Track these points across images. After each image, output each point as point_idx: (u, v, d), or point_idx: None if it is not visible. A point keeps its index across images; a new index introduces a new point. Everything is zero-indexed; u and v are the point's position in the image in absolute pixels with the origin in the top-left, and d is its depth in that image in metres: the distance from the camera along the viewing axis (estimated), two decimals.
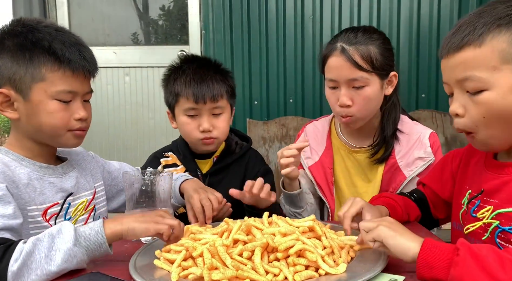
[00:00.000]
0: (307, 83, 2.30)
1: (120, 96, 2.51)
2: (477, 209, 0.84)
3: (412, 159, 1.21)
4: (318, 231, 0.79)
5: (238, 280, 0.69)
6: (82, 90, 0.97)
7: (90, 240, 0.78)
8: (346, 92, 1.15)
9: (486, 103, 0.76)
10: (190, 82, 1.23)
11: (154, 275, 0.73)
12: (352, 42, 1.14)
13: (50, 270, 0.75)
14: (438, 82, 2.24)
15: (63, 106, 0.95)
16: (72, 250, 0.76)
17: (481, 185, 0.85)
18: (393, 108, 1.24)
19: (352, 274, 0.69)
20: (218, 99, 1.24)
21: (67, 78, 0.94)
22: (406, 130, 1.25)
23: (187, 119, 1.25)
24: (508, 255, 0.64)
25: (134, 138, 2.54)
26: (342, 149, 1.29)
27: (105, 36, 2.60)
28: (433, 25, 2.21)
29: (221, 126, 1.26)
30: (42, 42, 0.92)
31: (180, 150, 1.34)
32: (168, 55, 2.47)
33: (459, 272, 0.63)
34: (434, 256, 0.66)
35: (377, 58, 1.14)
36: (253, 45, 2.30)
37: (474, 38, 0.75)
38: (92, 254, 0.79)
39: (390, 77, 1.20)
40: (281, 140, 2.18)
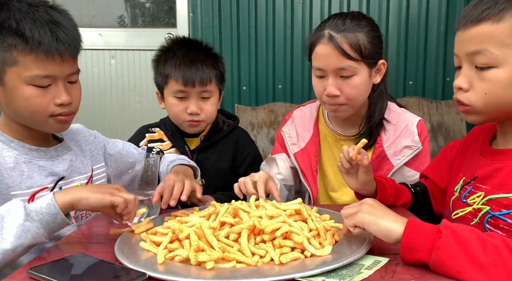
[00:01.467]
0: (296, 68, 2.30)
1: (106, 79, 2.46)
2: (468, 195, 0.85)
3: (400, 148, 1.20)
4: (304, 214, 0.80)
5: (224, 261, 0.69)
6: (61, 73, 0.89)
7: (42, 212, 0.76)
8: (333, 82, 1.12)
9: (492, 80, 0.76)
10: (180, 65, 1.23)
11: (140, 257, 0.73)
12: (340, 29, 1.10)
13: (5, 248, 0.74)
14: (426, 69, 2.26)
15: (40, 91, 0.88)
16: (23, 226, 0.75)
17: (475, 172, 0.86)
18: (380, 97, 1.23)
19: (337, 256, 0.70)
20: (207, 84, 1.24)
21: (41, 62, 0.86)
22: (393, 119, 1.24)
23: (176, 101, 1.26)
24: (490, 239, 0.65)
25: (121, 122, 2.51)
26: (330, 137, 1.28)
27: (90, 17, 2.53)
28: (422, 12, 2.21)
29: (208, 110, 1.27)
30: (10, 21, 0.84)
31: (168, 127, 1.34)
32: (155, 38, 2.43)
33: (440, 256, 0.64)
34: (417, 239, 0.67)
35: (365, 46, 1.10)
36: (241, 29, 2.27)
37: (494, 13, 0.74)
38: (49, 226, 0.77)
39: (379, 65, 1.16)
40: (270, 126, 2.18)
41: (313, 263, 0.68)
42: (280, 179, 1.26)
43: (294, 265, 0.68)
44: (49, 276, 0.66)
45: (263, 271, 0.66)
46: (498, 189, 0.79)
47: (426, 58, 2.25)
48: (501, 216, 0.78)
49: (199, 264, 0.68)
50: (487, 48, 0.75)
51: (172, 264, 0.70)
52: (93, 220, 1.03)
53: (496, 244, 0.64)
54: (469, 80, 0.79)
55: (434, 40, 2.23)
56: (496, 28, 0.74)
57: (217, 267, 0.68)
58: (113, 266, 0.70)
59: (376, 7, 2.21)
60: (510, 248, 0.63)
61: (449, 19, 2.21)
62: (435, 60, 2.25)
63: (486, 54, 0.75)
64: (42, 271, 0.68)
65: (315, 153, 1.27)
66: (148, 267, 0.68)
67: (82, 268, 0.71)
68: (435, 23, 2.21)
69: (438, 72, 2.26)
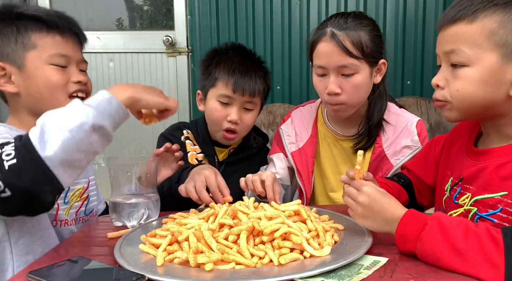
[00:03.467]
0: (294, 70, 2.30)
1: (105, 82, 2.46)
2: (459, 196, 0.86)
3: (399, 148, 1.21)
4: (303, 215, 0.80)
5: (224, 263, 0.69)
6: (75, 56, 0.99)
7: (96, 100, 0.75)
8: (335, 80, 1.12)
9: (463, 78, 0.78)
10: (234, 70, 1.22)
11: (139, 260, 0.73)
12: (343, 27, 1.10)
13: (73, 124, 0.70)
14: (424, 69, 2.27)
15: (60, 71, 0.96)
16: (83, 108, 0.72)
17: (461, 172, 0.86)
18: (380, 98, 1.23)
19: (336, 256, 0.70)
20: (255, 95, 1.23)
21: (57, 43, 0.96)
22: (392, 119, 1.24)
23: (218, 105, 1.23)
24: (475, 228, 0.67)
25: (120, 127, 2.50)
26: (329, 137, 1.28)
27: (88, 21, 2.54)
28: (419, 12, 2.22)
29: (247, 122, 1.25)
30: (26, 12, 0.95)
31: (200, 133, 1.31)
32: (153, 41, 2.44)
33: (423, 245, 0.68)
34: (407, 230, 0.71)
35: (367, 45, 1.11)
36: (239, 31, 2.27)
37: (467, 14, 0.76)
38: (106, 112, 0.74)
39: (380, 65, 1.17)
40: (268, 127, 2.18)
41: (312, 264, 0.68)
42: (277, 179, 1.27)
43: (293, 266, 0.68)
44: (48, 280, 0.66)
45: (262, 272, 0.66)
46: (483, 189, 0.80)
47: (423, 58, 2.25)
48: (488, 216, 0.78)
49: (198, 266, 0.68)
50: (460, 47, 0.77)
51: (171, 266, 0.70)
52: (93, 223, 1.03)
53: (478, 232, 0.66)
54: (446, 77, 0.81)
55: (431, 40, 2.23)
56: (469, 28, 0.76)
57: (216, 269, 0.68)
58: (113, 269, 0.70)
59: (373, 7, 2.22)
60: (491, 235, 0.65)
61: None
62: (432, 59, 2.25)
63: (459, 53, 0.78)
64: (41, 274, 0.68)
65: (312, 154, 1.27)
66: (147, 270, 0.68)
67: (81, 271, 0.71)
68: (432, 22, 2.22)
69: (435, 72, 2.24)
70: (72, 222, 1.01)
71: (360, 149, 1.22)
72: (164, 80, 2.43)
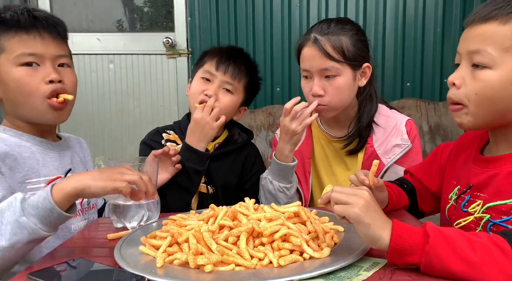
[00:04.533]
0: (294, 71, 2.30)
1: (105, 84, 2.47)
2: (468, 204, 0.85)
3: (390, 147, 1.24)
4: (303, 217, 0.80)
5: (223, 264, 0.69)
6: (47, 52, 0.94)
7: (38, 207, 0.74)
8: (318, 82, 1.17)
9: (484, 81, 0.75)
10: (221, 52, 1.29)
11: (139, 261, 0.73)
12: (325, 32, 1.16)
13: (2, 245, 0.73)
14: (423, 71, 2.27)
15: (29, 71, 0.92)
16: (18, 222, 0.73)
17: (469, 180, 0.85)
18: (369, 100, 1.26)
19: (335, 258, 0.70)
20: (236, 78, 1.26)
21: (24, 41, 0.92)
22: (382, 121, 1.27)
23: (200, 81, 1.28)
24: (476, 238, 0.65)
25: (119, 127, 2.51)
26: (322, 138, 1.32)
27: (88, 22, 2.54)
28: (419, 14, 2.22)
29: (224, 102, 1.26)
30: None
31: (183, 130, 1.33)
32: (153, 42, 2.44)
33: (431, 259, 0.64)
34: (405, 243, 0.66)
35: (348, 49, 1.16)
36: (239, 33, 2.28)
37: (502, 14, 0.74)
38: (47, 221, 0.74)
39: (363, 68, 1.21)
40: (268, 128, 2.19)
41: (311, 266, 0.68)
42: None
43: (293, 267, 0.68)
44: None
45: (262, 274, 0.66)
46: (495, 196, 0.79)
47: (423, 60, 2.25)
48: (502, 223, 0.77)
49: (198, 267, 0.68)
50: (486, 48, 0.74)
51: (171, 267, 0.70)
52: (93, 224, 1.03)
53: (483, 243, 0.64)
54: (463, 77, 0.78)
55: (431, 42, 2.24)
56: (501, 29, 0.74)
57: (216, 270, 0.68)
58: (113, 270, 0.71)
59: (373, 10, 2.22)
60: (497, 245, 0.64)
61: (446, 21, 2.22)
62: (432, 61, 2.25)
63: (484, 54, 0.75)
64: (41, 275, 0.68)
65: (308, 155, 1.30)
66: (147, 271, 0.68)
67: (81, 272, 0.71)
68: (431, 24, 2.22)
69: (435, 74, 2.26)
70: (78, 213, 1.03)
71: (352, 150, 1.27)
72: (164, 82, 2.43)
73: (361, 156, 1.26)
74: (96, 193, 0.77)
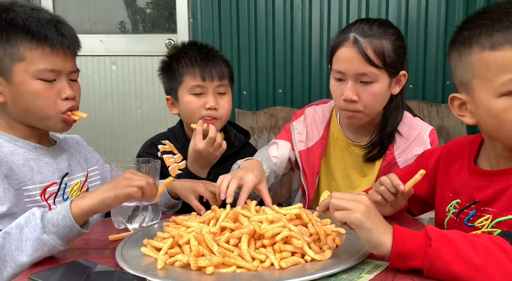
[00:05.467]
0: (296, 73, 2.30)
1: (107, 85, 2.47)
2: (474, 219, 0.83)
3: (411, 156, 1.18)
4: (305, 219, 0.80)
5: (225, 266, 0.69)
6: (65, 69, 0.95)
7: (58, 225, 0.76)
8: (352, 86, 1.10)
9: None
10: (196, 60, 1.24)
11: (140, 263, 0.73)
12: (367, 34, 1.08)
13: (23, 261, 0.75)
14: (425, 73, 2.27)
15: (47, 85, 0.93)
16: (40, 239, 0.75)
17: (473, 195, 0.84)
18: (396, 109, 1.21)
19: (337, 260, 0.70)
20: (224, 78, 1.25)
21: (46, 56, 0.92)
22: (405, 129, 1.22)
23: (192, 97, 1.24)
24: (478, 239, 0.65)
25: (121, 129, 2.51)
26: (342, 140, 1.26)
27: (91, 24, 2.55)
28: (421, 16, 2.22)
29: (225, 106, 1.26)
30: (16, 20, 0.90)
31: (178, 138, 1.31)
32: (156, 44, 2.45)
33: (434, 263, 0.64)
34: (408, 247, 0.65)
35: (389, 55, 1.09)
36: (241, 34, 2.28)
37: None
38: (66, 238, 0.77)
39: (400, 76, 1.15)
40: (270, 130, 2.19)
41: (313, 268, 0.68)
42: (274, 163, 1.25)
43: (295, 269, 0.68)
44: None
45: (263, 276, 0.66)
46: (505, 210, 0.78)
47: (425, 62, 2.25)
48: None
49: (199, 269, 0.68)
50: None
51: (172, 269, 0.70)
52: (94, 225, 1.03)
53: (484, 244, 0.64)
54: None
55: (433, 43, 2.23)
56: None
57: (217, 272, 0.68)
58: (114, 272, 0.71)
59: (375, 11, 2.22)
60: (499, 246, 0.64)
61: (448, 22, 2.21)
62: (434, 63, 2.25)
63: None
64: (43, 277, 0.68)
65: (320, 155, 1.26)
66: (148, 273, 0.68)
67: (83, 273, 0.71)
68: (434, 26, 2.22)
69: (438, 76, 2.26)
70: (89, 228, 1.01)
71: (372, 158, 1.22)
72: None
73: (379, 163, 1.22)
74: (111, 204, 0.80)
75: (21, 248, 0.75)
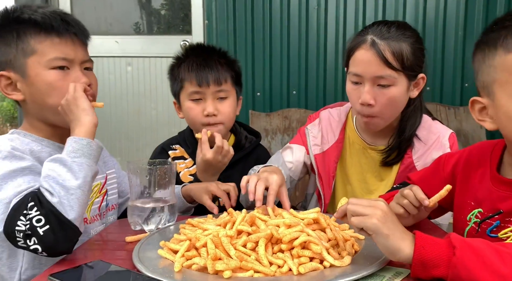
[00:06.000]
0: (311, 75, 2.29)
1: (122, 86, 2.49)
2: (497, 230, 0.81)
3: (430, 160, 1.15)
4: (323, 223, 0.79)
5: (242, 271, 0.68)
6: (76, 57, 0.97)
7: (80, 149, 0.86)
8: (369, 90, 1.07)
9: None
10: (193, 66, 1.23)
11: (157, 265, 0.73)
12: (385, 36, 1.06)
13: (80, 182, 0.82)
14: (443, 75, 2.23)
15: (61, 74, 0.94)
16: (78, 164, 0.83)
17: (497, 205, 0.81)
18: (414, 113, 1.18)
19: (357, 267, 0.69)
20: (222, 83, 1.23)
21: (56, 46, 0.93)
22: (424, 133, 1.19)
23: (191, 103, 1.24)
24: (505, 249, 0.63)
25: (136, 129, 2.53)
26: (358, 143, 1.24)
27: (107, 25, 2.58)
28: (440, 17, 2.19)
29: (225, 111, 1.24)
30: (23, 15, 0.93)
31: (188, 143, 1.31)
32: (171, 45, 2.46)
33: (458, 272, 0.62)
34: (430, 256, 0.64)
35: (408, 57, 1.06)
36: (256, 36, 2.28)
37: None
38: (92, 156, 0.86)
39: (418, 79, 1.12)
40: (284, 132, 2.17)
41: (332, 274, 0.67)
42: (289, 168, 1.24)
43: (313, 275, 0.67)
44: None
45: None
46: None
47: (443, 63, 2.21)
48: None
49: (216, 273, 0.68)
50: None
51: (189, 272, 0.69)
52: (111, 226, 1.03)
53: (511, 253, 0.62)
54: None
55: (452, 45, 2.19)
56: None
57: (235, 276, 0.67)
58: (131, 273, 0.70)
59: (392, 12, 2.19)
60: None
61: (467, 24, 2.17)
62: (453, 65, 2.21)
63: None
64: (61, 277, 0.69)
65: (336, 159, 1.24)
66: (165, 275, 0.67)
67: (100, 275, 0.71)
68: (453, 27, 2.18)
69: (456, 78, 2.22)
70: (96, 218, 1.03)
71: (389, 162, 1.19)
72: None
73: (397, 167, 1.20)
74: None
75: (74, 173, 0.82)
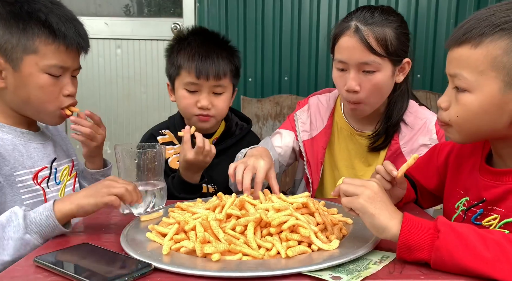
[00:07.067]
0: (303, 61, 2.27)
1: (112, 69, 2.45)
2: (481, 217, 0.82)
3: (416, 146, 1.17)
4: (311, 208, 0.79)
5: (231, 254, 0.69)
6: (72, 66, 0.98)
7: (41, 225, 0.78)
8: (355, 76, 1.08)
9: (464, 105, 0.75)
10: (194, 56, 1.18)
11: (146, 248, 0.72)
12: (368, 22, 1.06)
13: (4, 260, 0.76)
14: (434, 63, 2.23)
15: (53, 80, 0.94)
16: (23, 239, 0.76)
17: (481, 194, 0.82)
18: (401, 98, 1.19)
19: (344, 250, 0.69)
20: (221, 78, 1.19)
21: (60, 53, 0.93)
22: (411, 119, 1.20)
23: (186, 93, 1.21)
24: (490, 234, 0.64)
25: (126, 113, 2.50)
26: (346, 130, 1.25)
27: (96, 6, 2.51)
28: (431, 6, 2.18)
29: (220, 106, 1.22)
30: (38, 13, 0.91)
31: (178, 128, 1.29)
32: (161, 28, 2.41)
33: (441, 255, 0.63)
34: (415, 239, 0.65)
35: (392, 43, 1.06)
36: (248, 20, 2.24)
37: (473, 37, 0.73)
38: (48, 236, 0.79)
39: (403, 64, 1.12)
40: (275, 118, 2.17)
41: (320, 257, 0.67)
42: (278, 153, 1.24)
43: (301, 259, 0.68)
44: (55, 265, 0.66)
45: (270, 265, 0.66)
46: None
47: (434, 52, 2.21)
48: None
49: (205, 256, 0.68)
50: (462, 72, 0.74)
51: (178, 255, 0.69)
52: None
53: (496, 239, 0.63)
54: (449, 99, 0.79)
55: (443, 33, 2.19)
56: (473, 53, 0.73)
57: (223, 259, 0.67)
58: (119, 256, 0.70)
59: (384, 0, 2.18)
60: (509, 240, 0.62)
61: (459, 11, 2.17)
62: (444, 53, 2.21)
63: (461, 78, 0.75)
64: (48, 259, 0.68)
65: (324, 145, 1.25)
66: (154, 258, 0.67)
67: (87, 257, 0.71)
68: (444, 15, 2.18)
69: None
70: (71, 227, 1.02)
71: (376, 148, 1.21)
72: None
73: (384, 152, 1.21)
74: (89, 211, 0.81)
75: (3, 247, 0.76)
